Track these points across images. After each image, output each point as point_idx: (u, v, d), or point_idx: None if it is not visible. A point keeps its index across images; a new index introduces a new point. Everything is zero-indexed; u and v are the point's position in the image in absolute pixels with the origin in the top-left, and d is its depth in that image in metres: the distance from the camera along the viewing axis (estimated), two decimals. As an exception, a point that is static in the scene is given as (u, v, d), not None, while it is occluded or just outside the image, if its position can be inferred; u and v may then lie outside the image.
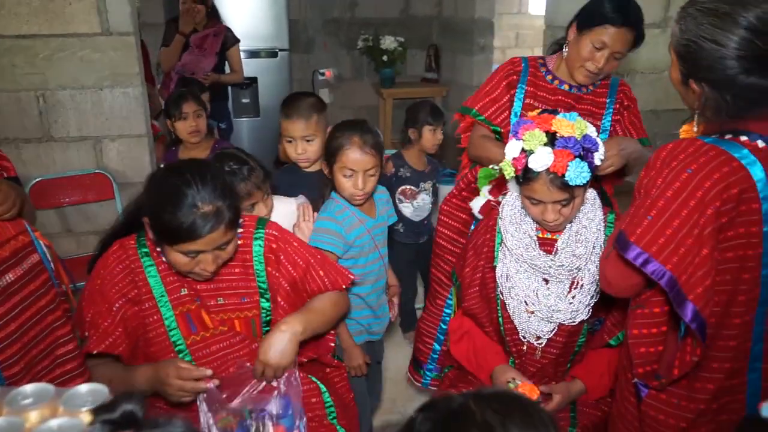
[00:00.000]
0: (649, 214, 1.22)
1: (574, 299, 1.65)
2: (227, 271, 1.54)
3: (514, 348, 1.76)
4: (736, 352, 1.29)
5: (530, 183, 1.55)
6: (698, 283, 1.18)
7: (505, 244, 1.71)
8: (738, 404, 1.34)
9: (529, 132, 1.53)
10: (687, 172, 1.19)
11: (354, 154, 1.80)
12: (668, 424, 1.34)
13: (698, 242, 1.18)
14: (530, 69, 2.08)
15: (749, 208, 1.20)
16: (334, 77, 5.05)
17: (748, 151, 1.20)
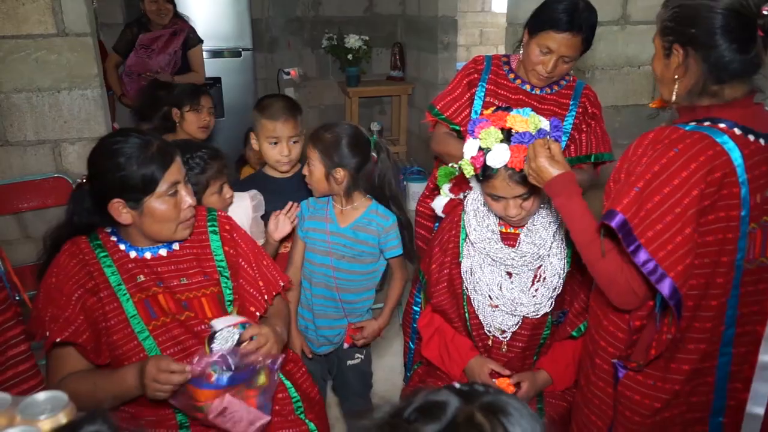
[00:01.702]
0: (637, 185, 1.25)
1: (537, 292, 1.68)
2: (185, 252, 1.59)
3: (481, 343, 1.78)
4: (712, 334, 1.34)
5: (490, 180, 1.58)
6: (679, 261, 1.21)
7: (469, 238, 1.73)
8: (707, 387, 1.39)
9: (484, 130, 1.55)
10: (674, 151, 1.23)
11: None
12: (644, 404, 1.38)
13: (679, 220, 1.21)
14: (492, 68, 2.09)
15: (730, 192, 1.24)
16: (299, 76, 5.01)
17: (728, 137, 1.25)
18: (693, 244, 1.23)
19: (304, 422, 1.66)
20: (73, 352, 1.47)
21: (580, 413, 1.54)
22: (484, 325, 1.74)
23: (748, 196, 1.26)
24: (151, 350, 1.50)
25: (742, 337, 1.36)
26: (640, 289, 1.30)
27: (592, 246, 1.34)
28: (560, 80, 2.05)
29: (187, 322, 1.54)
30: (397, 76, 5.07)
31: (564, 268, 1.69)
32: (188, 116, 2.78)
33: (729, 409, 1.41)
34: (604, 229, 1.32)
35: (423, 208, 2.29)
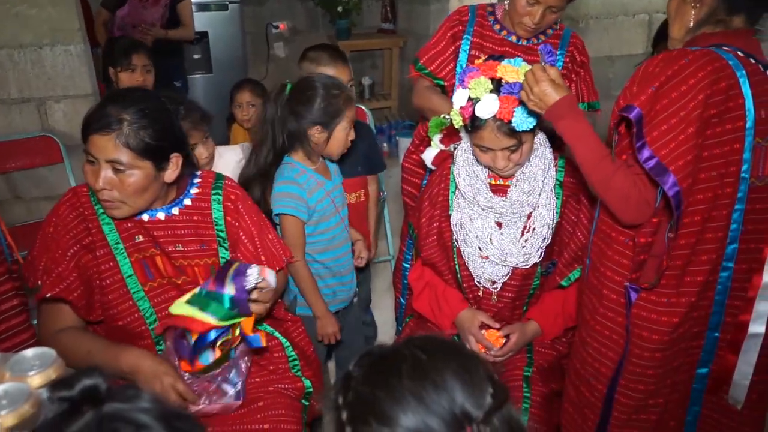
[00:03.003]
0: (652, 86, 1.29)
1: (527, 243, 1.68)
2: (185, 219, 1.56)
3: (471, 294, 1.80)
4: (719, 244, 1.37)
5: (478, 131, 1.57)
6: (680, 157, 1.26)
7: (459, 188, 1.73)
8: (708, 301, 1.43)
9: (474, 80, 1.53)
10: (685, 60, 1.29)
11: (354, 108, 1.81)
12: (661, 321, 1.40)
13: (683, 122, 1.26)
14: (477, 19, 2.03)
15: (735, 104, 1.29)
16: (288, 30, 4.92)
17: (733, 55, 1.31)
18: (695, 143, 1.27)
19: (300, 379, 1.68)
20: (65, 308, 1.48)
21: (585, 351, 1.55)
22: (474, 277, 1.76)
23: (753, 109, 1.29)
24: (146, 311, 1.51)
25: (745, 254, 1.39)
26: (655, 199, 1.33)
27: (602, 165, 1.37)
28: (546, 29, 2.00)
29: (184, 286, 1.54)
30: (389, 28, 4.96)
31: (553, 219, 1.69)
32: (121, 76, 2.67)
33: (725, 325, 1.45)
34: (619, 126, 1.36)
35: (409, 164, 2.26)
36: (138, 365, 1.41)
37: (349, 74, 2.10)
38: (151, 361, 1.43)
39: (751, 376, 1.45)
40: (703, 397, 1.52)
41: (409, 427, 0.71)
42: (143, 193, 1.44)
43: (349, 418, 0.75)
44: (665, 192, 1.28)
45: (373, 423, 0.72)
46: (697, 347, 1.47)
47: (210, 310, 1.37)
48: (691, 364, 1.49)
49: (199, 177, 1.63)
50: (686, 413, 1.53)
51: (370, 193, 2.29)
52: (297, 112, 1.80)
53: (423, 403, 0.72)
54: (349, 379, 0.78)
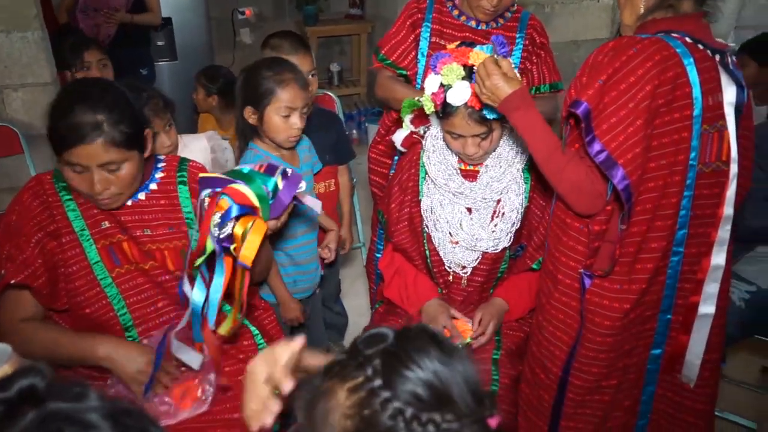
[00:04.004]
0: (600, 79, 1.30)
1: (496, 227, 1.70)
2: (151, 203, 1.54)
3: (441, 279, 1.81)
4: (671, 232, 1.40)
5: (449, 117, 1.57)
6: (629, 149, 1.28)
7: (429, 174, 1.73)
8: (659, 285, 1.46)
9: (446, 66, 1.53)
10: (633, 50, 1.30)
11: (292, 92, 1.72)
12: (613, 308, 1.44)
13: (632, 114, 1.28)
14: (436, 6, 2.02)
15: (683, 93, 1.31)
16: (255, 16, 4.84)
17: (681, 43, 1.32)
18: (644, 134, 1.29)
19: None
20: (28, 296, 1.45)
21: (541, 334, 1.58)
22: (445, 262, 1.77)
23: (701, 96, 1.31)
24: (114, 298, 1.48)
25: (694, 238, 1.43)
26: (606, 190, 1.35)
27: (554, 157, 1.38)
28: (505, 12, 2.01)
29: (152, 271, 1.53)
30: (356, 14, 4.93)
31: (522, 204, 1.71)
32: (78, 76, 2.56)
33: (677, 307, 1.49)
34: (566, 123, 1.37)
35: (375, 154, 2.24)
36: (114, 352, 1.42)
37: (311, 63, 2.06)
38: (126, 347, 1.44)
39: (702, 355, 1.50)
40: (658, 376, 1.56)
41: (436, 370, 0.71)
42: (137, 179, 1.47)
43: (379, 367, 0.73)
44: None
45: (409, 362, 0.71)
46: (650, 330, 1.51)
47: (252, 186, 1.29)
48: (645, 347, 1.52)
49: (164, 161, 1.62)
50: (641, 393, 1.57)
51: (342, 183, 2.27)
52: (236, 94, 1.80)
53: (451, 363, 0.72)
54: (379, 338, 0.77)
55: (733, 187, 1.40)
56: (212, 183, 1.33)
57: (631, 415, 1.60)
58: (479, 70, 1.43)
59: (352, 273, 2.99)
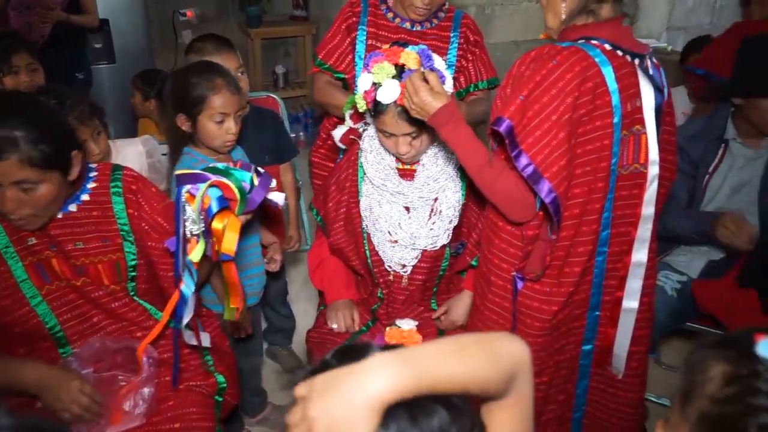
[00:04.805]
0: (521, 94, 1.32)
1: (434, 225, 1.72)
2: (83, 215, 1.49)
3: (382, 278, 1.82)
4: (594, 236, 1.45)
5: (380, 116, 1.58)
6: (554, 162, 1.31)
7: (367, 174, 1.74)
8: (587, 285, 1.51)
9: (378, 65, 1.54)
10: (553, 62, 1.32)
11: (225, 97, 1.71)
12: (542, 310, 1.47)
13: (555, 126, 1.30)
14: (370, 9, 2.03)
15: (603, 102, 1.35)
16: (197, 17, 4.75)
17: (600, 51, 1.35)
18: (567, 147, 1.32)
19: (212, 375, 1.65)
20: None
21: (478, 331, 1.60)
22: (385, 261, 1.78)
23: (620, 104, 1.36)
24: (45, 316, 1.44)
25: (617, 237, 1.48)
26: (535, 200, 1.38)
27: (485, 171, 1.40)
28: (438, 12, 2.03)
29: (84, 287, 1.48)
30: (301, 15, 4.89)
31: (459, 201, 1.73)
32: (6, 81, 2.40)
33: (605, 304, 1.54)
34: (493, 136, 1.39)
35: (317, 158, 2.24)
36: (42, 377, 1.37)
37: (237, 61, 2.04)
38: (53, 371, 1.40)
39: (628, 347, 1.55)
40: (591, 370, 1.60)
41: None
42: (56, 201, 1.40)
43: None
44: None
45: None
46: (580, 327, 1.55)
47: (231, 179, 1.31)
48: (576, 343, 1.57)
49: (96, 170, 1.56)
50: (576, 386, 1.62)
51: (285, 182, 2.27)
52: (166, 102, 1.77)
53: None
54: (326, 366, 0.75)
55: (652, 188, 1.45)
56: (190, 179, 1.32)
57: (567, 408, 1.64)
58: (407, 85, 1.44)
59: (301, 276, 2.97)
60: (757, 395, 0.66)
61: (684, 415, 0.73)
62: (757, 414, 0.66)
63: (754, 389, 0.67)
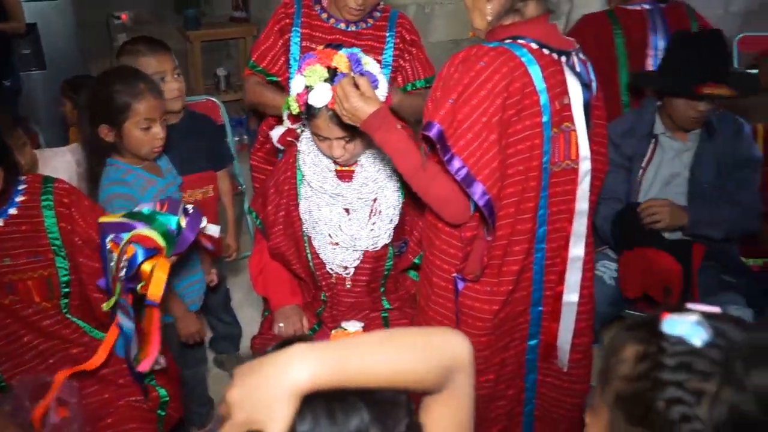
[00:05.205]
0: (450, 97, 1.32)
1: (375, 225, 1.71)
2: (12, 230, 1.44)
3: (324, 282, 1.80)
4: (531, 233, 1.46)
5: (313, 119, 1.57)
6: (486, 165, 1.32)
7: (305, 177, 1.72)
8: (527, 282, 1.52)
9: (310, 67, 1.52)
10: (480, 64, 1.32)
11: (149, 102, 1.67)
12: (484, 309, 1.48)
13: (486, 129, 1.30)
14: (304, 10, 2.01)
15: (532, 101, 1.36)
16: (132, 20, 4.62)
17: (526, 51, 1.35)
18: (498, 148, 1.33)
19: (154, 388, 1.62)
20: None
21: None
22: (326, 264, 1.76)
23: (548, 103, 1.37)
24: None
25: (553, 233, 1.50)
26: (470, 202, 1.38)
27: (419, 174, 1.40)
28: (373, 12, 2.02)
29: (12, 306, 1.43)
30: (241, 16, 4.80)
31: (399, 200, 1.73)
32: None
33: (546, 299, 1.56)
34: (424, 142, 1.38)
35: (256, 162, 2.21)
36: None
37: (172, 63, 2.00)
38: None
39: (572, 340, 1.58)
40: (537, 364, 1.63)
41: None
42: None
43: None
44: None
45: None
46: (523, 323, 1.57)
47: (155, 225, 1.30)
48: (521, 339, 1.58)
49: (24, 183, 1.50)
50: (524, 381, 1.64)
51: (223, 189, 2.22)
52: (84, 113, 1.71)
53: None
54: None
55: (585, 184, 1.48)
56: (114, 228, 1.31)
57: (517, 403, 1.66)
58: (338, 91, 1.43)
59: (245, 282, 2.90)
60: (663, 370, 0.69)
61: (603, 398, 0.76)
62: (664, 388, 0.68)
63: (661, 365, 0.69)
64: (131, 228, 1.30)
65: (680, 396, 0.67)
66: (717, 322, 0.70)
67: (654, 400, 0.69)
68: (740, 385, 0.65)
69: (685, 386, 0.67)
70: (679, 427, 0.67)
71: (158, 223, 1.31)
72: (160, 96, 1.72)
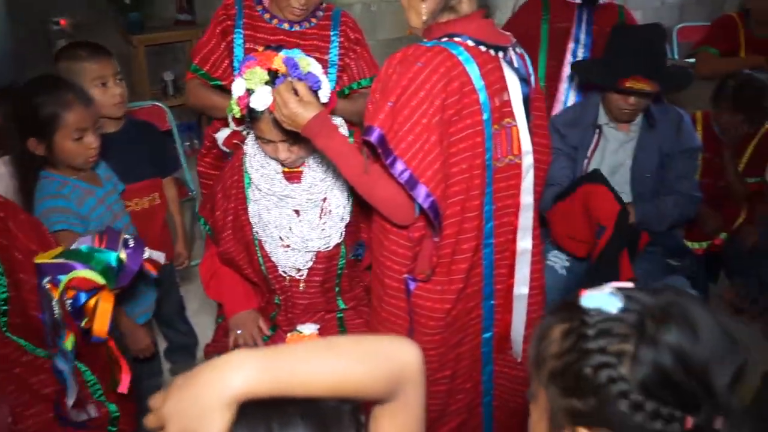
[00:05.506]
0: (389, 100, 1.32)
1: (326, 225, 1.70)
2: None
3: (278, 285, 1.78)
4: (478, 230, 1.47)
5: (256, 123, 1.55)
6: (428, 166, 1.32)
7: (253, 180, 1.70)
8: (478, 277, 1.53)
9: (250, 70, 1.50)
10: (417, 65, 1.32)
11: (79, 111, 1.62)
12: (436, 308, 1.49)
13: (426, 130, 1.30)
14: (245, 11, 1.97)
15: (471, 100, 1.36)
16: (71, 26, 4.47)
17: (463, 49, 1.35)
18: (440, 149, 1.33)
19: (103, 404, 1.56)
20: None
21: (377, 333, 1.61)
22: (279, 267, 1.74)
23: (488, 101, 1.38)
24: None
25: (500, 228, 1.51)
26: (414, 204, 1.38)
27: (362, 179, 1.40)
28: (316, 11, 2.00)
29: None
30: (186, 19, 4.70)
31: (348, 198, 1.72)
32: None
33: (498, 292, 1.58)
34: (365, 146, 1.38)
35: (203, 168, 2.17)
36: None
37: (114, 67, 1.96)
38: None
39: (524, 331, 1.60)
40: (493, 356, 1.64)
41: None
42: None
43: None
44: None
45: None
46: (477, 317, 1.58)
47: (93, 264, 1.27)
48: (475, 333, 1.60)
49: None
50: (481, 373, 1.65)
51: (169, 196, 2.19)
52: (11, 125, 1.66)
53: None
54: None
55: (529, 178, 1.50)
56: (51, 269, 1.27)
57: (476, 395, 1.67)
58: (276, 97, 1.42)
59: (200, 290, 2.85)
60: (587, 340, 0.73)
61: (540, 381, 0.79)
62: (589, 356, 0.72)
63: (584, 336, 0.73)
64: (69, 268, 1.27)
65: (604, 360, 0.71)
66: (629, 291, 0.76)
67: (582, 369, 0.73)
68: (654, 343, 0.70)
69: (608, 350, 0.71)
70: (608, 389, 0.70)
71: (96, 260, 1.28)
72: (90, 104, 1.67)
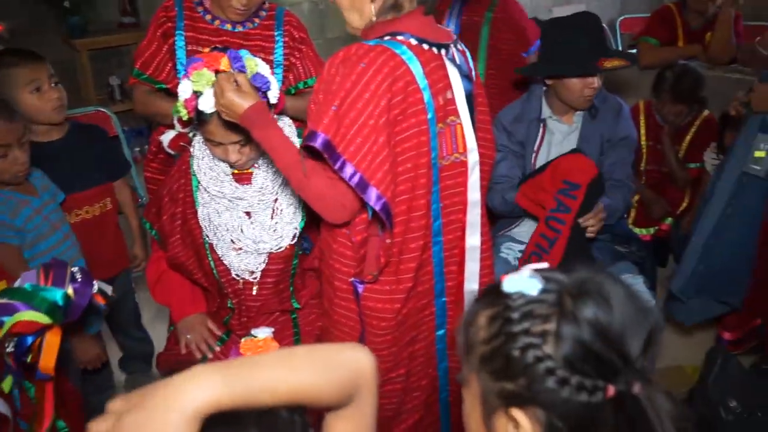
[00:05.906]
0: (333, 104, 1.30)
1: (278, 226, 1.69)
2: None
3: (230, 288, 1.75)
4: (426, 229, 1.47)
5: (205, 125, 1.53)
6: (378, 168, 1.31)
7: (201, 183, 1.67)
8: (428, 275, 1.54)
9: (196, 72, 1.48)
10: (361, 65, 1.31)
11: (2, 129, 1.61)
12: (386, 309, 1.49)
13: (374, 132, 1.30)
14: (186, 12, 1.93)
15: (415, 99, 1.36)
16: (9, 31, 4.31)
17: (406, 48, 1.35)
18: (388, 150, 1.33)
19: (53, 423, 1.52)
20: None
21: (331, 336, 1.61)
22: (231, 270, 1.72)
23: (432, 100, 1.38)
24: None
25: (449, 226, 1.52)
26: (351, 203, 1.38)
27: (294, 172, 1.38)
28: (259, 11, 1.98)
29: None
30: (130, 22, 4.60)
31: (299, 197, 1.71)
32: None
33: (449, 289, 1.59)
34: (307, 151, 1.36)
35: (150, 173, 2.13)
36: None
37: (47, 71, 1.92)
38: None
39: None
40: (448, 353, 1.65)
41: None
42: None
43: None
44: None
45: None
46: (429, 315, 1.59)
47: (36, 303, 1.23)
48: (428, 330, 1.60)
49: None
50: (436, 370, 1.66)
51: (122, 200, 2.15)
52: None
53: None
54: None
55: (475, 175, 1.51)
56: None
57: (432, 391, 1.68)
58: (216, 87, 1.41)
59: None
60: (511, 324, 0.75)
61: (470, 368, 0.80)
62: (515, 338, 0.74)
63: (509, 319, 0.75)
64: (12, 309, 1.22)
65: (530, 341, 0.73)
66: (546, 272, 0.78)
67: (510, 352, 0.74)
68: (574, 319, 0.72)
69: (532, 332, 0.73)
70: (536, 368, 0.72)
71: (41, 300, 1.24)
72: (12, 118, 1.64)
